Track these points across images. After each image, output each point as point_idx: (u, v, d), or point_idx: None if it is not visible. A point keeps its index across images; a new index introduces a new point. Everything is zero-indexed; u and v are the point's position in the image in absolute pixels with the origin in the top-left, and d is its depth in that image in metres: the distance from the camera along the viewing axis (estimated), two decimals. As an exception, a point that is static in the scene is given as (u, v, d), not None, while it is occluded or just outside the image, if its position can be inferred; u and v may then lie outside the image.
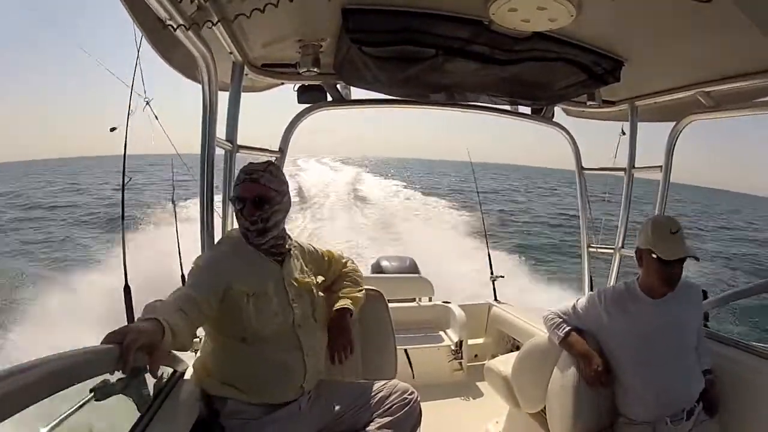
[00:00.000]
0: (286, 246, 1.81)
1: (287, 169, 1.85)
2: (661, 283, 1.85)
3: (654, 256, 1.81)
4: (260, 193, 1.66)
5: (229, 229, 2.14)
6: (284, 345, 1.67)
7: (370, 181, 30.58)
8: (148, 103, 2.08)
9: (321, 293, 1.85)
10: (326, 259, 1.99)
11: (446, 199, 24.71)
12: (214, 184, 1.99)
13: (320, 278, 1.89)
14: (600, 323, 1.94)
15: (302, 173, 31.95)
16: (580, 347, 1.92)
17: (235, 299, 1.59)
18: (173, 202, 2.88)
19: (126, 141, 2.13)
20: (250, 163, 1.80)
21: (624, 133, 2.86)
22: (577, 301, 2.06)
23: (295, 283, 1.75)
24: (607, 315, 1.93)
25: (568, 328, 1.97)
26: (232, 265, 1.65)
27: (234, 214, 1.75)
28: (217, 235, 2.03)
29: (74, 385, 0.94)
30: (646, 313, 1.88)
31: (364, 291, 2.01)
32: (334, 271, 2.00)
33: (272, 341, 1.65)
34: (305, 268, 1.85)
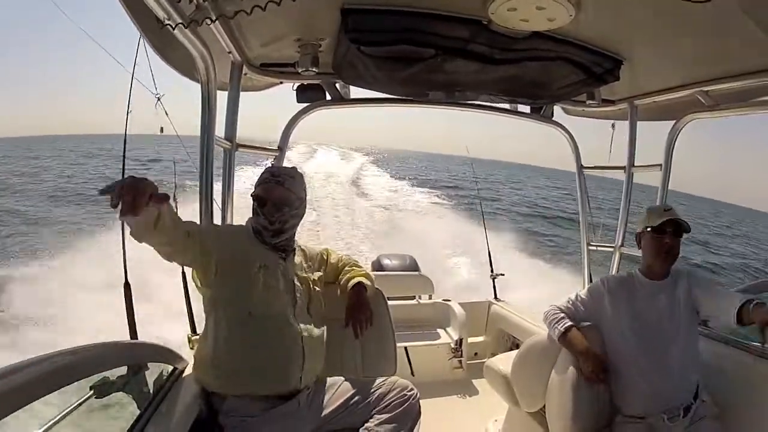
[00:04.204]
0: (292, 246, 1.88)
1: (302, 159, 1.90)
2: (656, 255, 1.93)
3: (648, 229, 1.94)
4: (283, 196, 1.75)
5: None
6: (284, 330, 1.70)
7: (372, 175, 30.35)
8: (159, 99, 2.10)
9: (317, 288, 1.90)
10: (325, 257, 2.05)
11: (446, 195, 24.66)
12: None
13: (318, 274, 1.94)
14: (603, 310, 1.98)
15: (309, 161, 31.68)
16: (578, 344, 1.92)
17: (247, 267, 1.67)
18: (175, 198, 2.90)
19: (126, 138, 2.14)
20: (274, 165, 1.84)
21: (614, 127, 2.89)
22: (576, 295, 2.07)
23: (295, 277, 1.81)
24: (609, 300, 1.97)
25: (569, 323, 1.97)
26: (239, 242, 1.74)
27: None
28: None
29: (79, 380, 0.96)
30: (646, 294, 1.94)
31: (372, 274, 2.07)
32: (333, 266, 2.06)
33: (275, 323, 1.68)
34: (304, 265, 1.90)
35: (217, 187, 2.07)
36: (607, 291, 2.00)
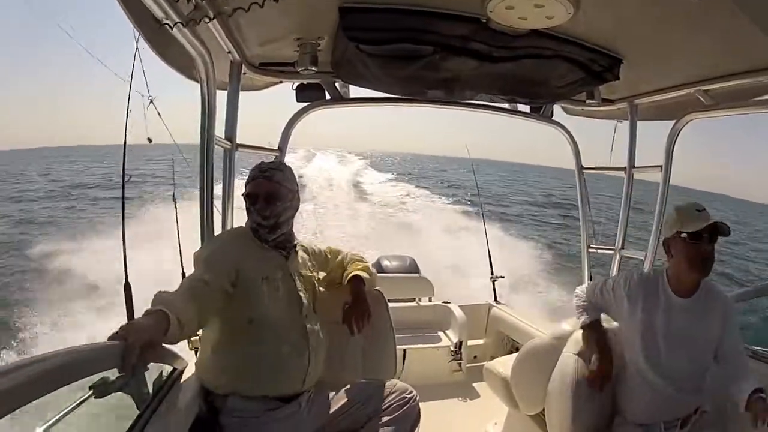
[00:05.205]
0: (293, 243, 1.86)
1: (298, 163, 1.90)
2: (691, 265, 1.72)
3: (683, 235, 1.71)
4: (273, 190, 1.73)
5: (228, 226, 2.15)
6: (290, 333, 1.69)
7: (371, 176, 30.41)
8: (151, 101, 2.09)
9: (322, 288, 1.89)
10: (329, 256, 2.05)
11: (446, 195, 24.75)
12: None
13: (322, 274, 1.94)
14: (620, 309, 1.89)
15: (308, 165, 31.78)
16: (592, 342, 1.90)
17: (249, 281, 1.63)
18: (174, 199, 2.89)
19: (126, 138, 2.15)
20: (263, 161, 1.85)
21: (620, 122, 2.88)
22: (605, 282, 1.98)
23: (299, 276, 1.80)
24: (627, 301, 1.85)
25: (591, 318, 1.95)
26: (241, 252, 1.70)
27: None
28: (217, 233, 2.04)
29: (76, 381, 0.95)
30: (667, 311, 1.78)
31: (373, 268, 2.07)
32: (338, 263, 2.06)
33: (278, 327, 1.67)
34: (308, 263, 1.90)
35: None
36: (627, 291, 1.86)
